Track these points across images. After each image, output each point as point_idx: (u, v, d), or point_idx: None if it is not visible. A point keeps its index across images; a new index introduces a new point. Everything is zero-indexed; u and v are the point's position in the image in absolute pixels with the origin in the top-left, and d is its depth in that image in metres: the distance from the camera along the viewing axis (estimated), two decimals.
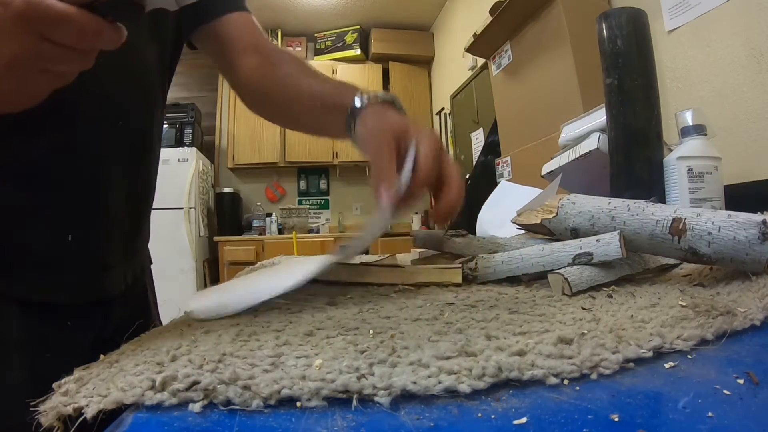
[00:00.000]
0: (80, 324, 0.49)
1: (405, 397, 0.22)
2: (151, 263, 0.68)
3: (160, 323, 0.60)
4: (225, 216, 3.74)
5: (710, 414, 0.20)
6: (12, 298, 0.44)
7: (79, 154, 0.48)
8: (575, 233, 0.51)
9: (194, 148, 3.26)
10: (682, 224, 0.41)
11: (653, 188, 0.72)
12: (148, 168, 0.59)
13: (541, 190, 0.73)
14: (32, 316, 0.45)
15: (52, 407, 0.22)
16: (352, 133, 0.51)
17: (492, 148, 1.95)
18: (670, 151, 0.74)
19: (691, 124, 0.71)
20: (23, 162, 0.45)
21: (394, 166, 0.43)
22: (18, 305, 0.44)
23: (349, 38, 3.99)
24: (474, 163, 2.49)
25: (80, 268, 0.50)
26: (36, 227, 0.46)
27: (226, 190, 3.80)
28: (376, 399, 0.22)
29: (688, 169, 0.69)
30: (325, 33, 4.03)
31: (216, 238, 3.50)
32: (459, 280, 0.50)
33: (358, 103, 0.50)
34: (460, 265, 0.52)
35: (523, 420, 0.20)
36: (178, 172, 3.15)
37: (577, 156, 0.91)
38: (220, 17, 0.61)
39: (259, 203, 3.95)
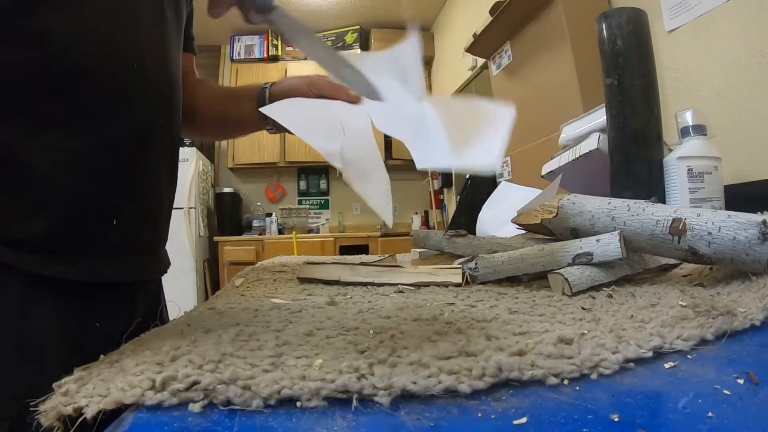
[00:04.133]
0: (107, 325, 0.50)
1: (405, 397, 0.22)
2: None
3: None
4: (225, 216, 3.73)
5: (710, 414, 0.20)
6: (52, 289, 0.45)
7: (138, 141, 0.52)
8: (575, 233, 0.51)
9: (194, 148, 3.25)
10: (682, 224, 0.41)
11: (653, 188, 0.72)
12: (177, 158, 0.66)
13: (541, 191, 0.73)
14: (68, 314, 0.46)
15: (52, 407, 0.22)
16: (265, 100, 0.63)
17: None
18: (670, 151, 0.74)
19: (691, 124, 0.71)
20: (85, 146, 0.47)
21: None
22: (54, 305, 0.45)
23: (349, 38, 3.98)
24: None
25: (128, 250, 0.54)
26: (96, 211, 0.49)
27: (226, 190, 3.79)
28: (376, 399, 0.22)
29: (688, 169, 0.69)
30: (325, 33, 4.03)
31: (216, 238, 3.49)
32: (459, 280, 0.50)
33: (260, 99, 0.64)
34: (460, 265, 0.52)
35: (523, 420, 0.20)
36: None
37: (577, 156, 0.91)
38: (186, 53, 0.69)
39: (259, 203, 3.95)
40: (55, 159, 0.45)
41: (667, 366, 0.25)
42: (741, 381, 0.23)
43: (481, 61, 2.67)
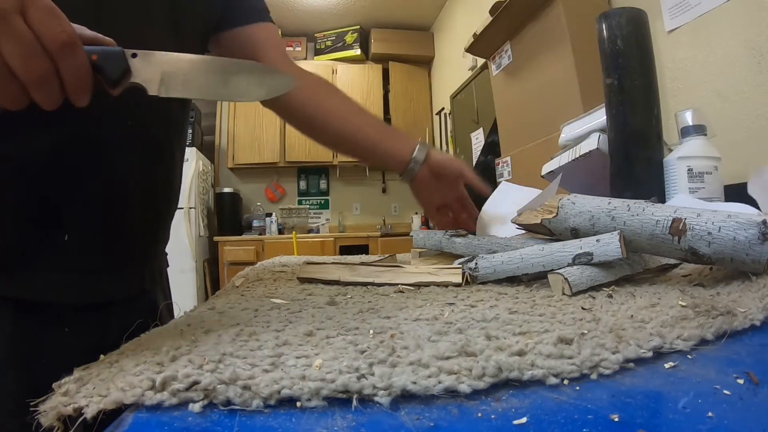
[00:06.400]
0: (79, 329, 0.48)
1: (405, 397, 0.22)
2: (168, 266, 0.68)
3: None
4: (225, 216, 3.73)
5: (710, 414, 0.20)
6: (6, 299, 0.43)
7: (88, 150, 0.47)
8: (575, 233, 0.51)
9: (194, 148, 3.25)
10: (682, 224, 0.41)
11: (653, 188, 0.72)
12: (166, 169, 0.58)
13: (541, 191, 0.73)
14: (27, 318, 0.44)
15: (52, 407, 0.22)
16: (409, 177, 0.71)
17: (492, 148, 1.95)
18: (670, 151, 0.74)
19: (691, 124, 0.71)
20: (28, 155, 0.43)
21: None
22: (12, 308, 0.44)
23: (349, 38, 3.98)
24: (474, 163, 2.49)
25: (83, 268, 0.49)
26: (43, 225, 0.45)
27: (226, 190, 3.79)
28: (376, 399, 0.22)
29: (688, 169, 0.69)
30: (325, 33, 4.03)
31: (216, 238, 3.49)
32: (459, 280, 0.50)
33: (417, 154, 0.70)
34: (460, 265, 0.52)
35: (523, 420, 0.20)
36: None
37: (577, 156, 0.91)
38: (251, 24, 0.64)
39: (259, 203, 3.95)
40: None
41: (667, 366, 0.25)
42: (741, 381, 0.23)
43: (481, 61, 2.67)
